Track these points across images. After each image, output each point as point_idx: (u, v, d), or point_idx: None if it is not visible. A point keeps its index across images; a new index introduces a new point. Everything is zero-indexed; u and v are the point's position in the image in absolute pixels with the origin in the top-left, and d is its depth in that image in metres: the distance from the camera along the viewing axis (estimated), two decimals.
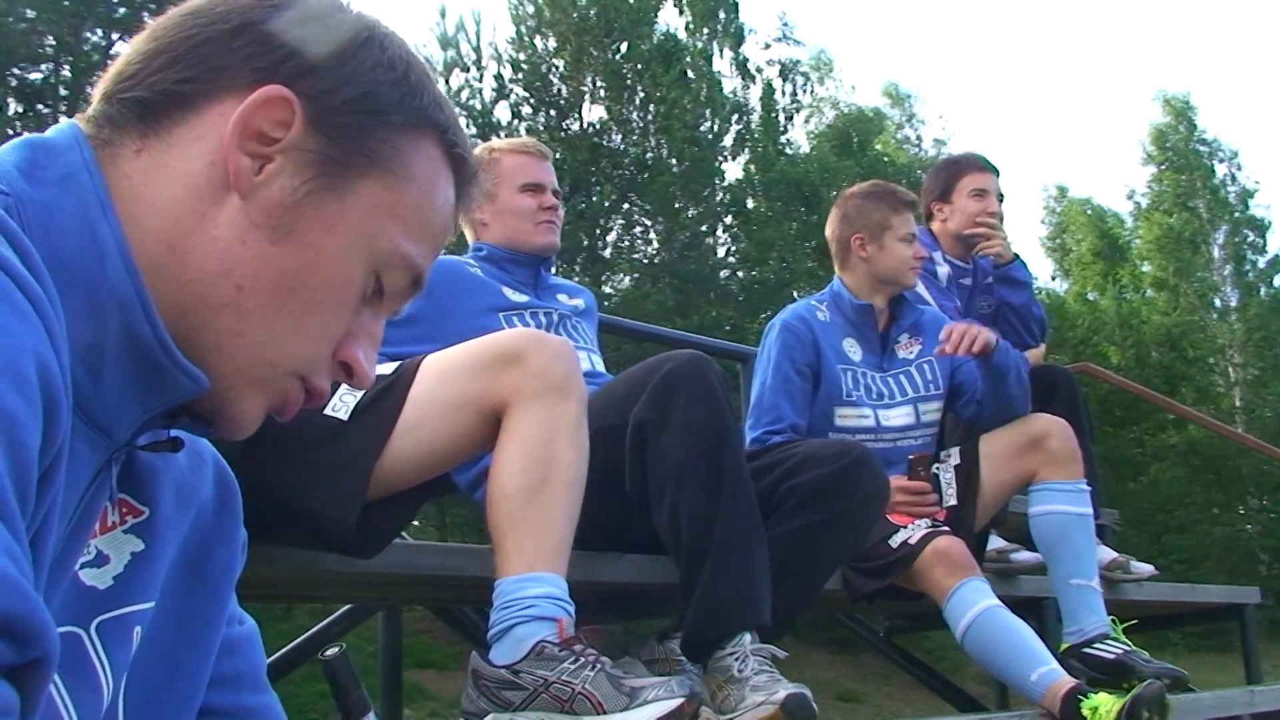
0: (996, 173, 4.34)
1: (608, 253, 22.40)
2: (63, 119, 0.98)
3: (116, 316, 0.85)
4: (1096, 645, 3.35)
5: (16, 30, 15.54)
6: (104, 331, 0.85)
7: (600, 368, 3.19)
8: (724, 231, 23.22)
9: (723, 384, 2.57)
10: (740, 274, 22.67)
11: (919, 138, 32.48)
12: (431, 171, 1.00)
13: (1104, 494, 4.45)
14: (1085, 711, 2.87)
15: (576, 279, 20.63)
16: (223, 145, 0.91)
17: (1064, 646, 3.36)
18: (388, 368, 2.32)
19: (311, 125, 0.93)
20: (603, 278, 21.77)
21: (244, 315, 0.92)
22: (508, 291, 3.14)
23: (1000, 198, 4.32)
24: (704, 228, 22.59)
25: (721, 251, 23.39)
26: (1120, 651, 3.32)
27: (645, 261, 22.46)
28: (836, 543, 2.83)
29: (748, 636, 2.43)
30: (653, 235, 22.72)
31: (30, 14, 15.56)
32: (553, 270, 3.41)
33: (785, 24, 29.56)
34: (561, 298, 3.32)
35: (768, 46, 25.34)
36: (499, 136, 22.10)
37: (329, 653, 1.64)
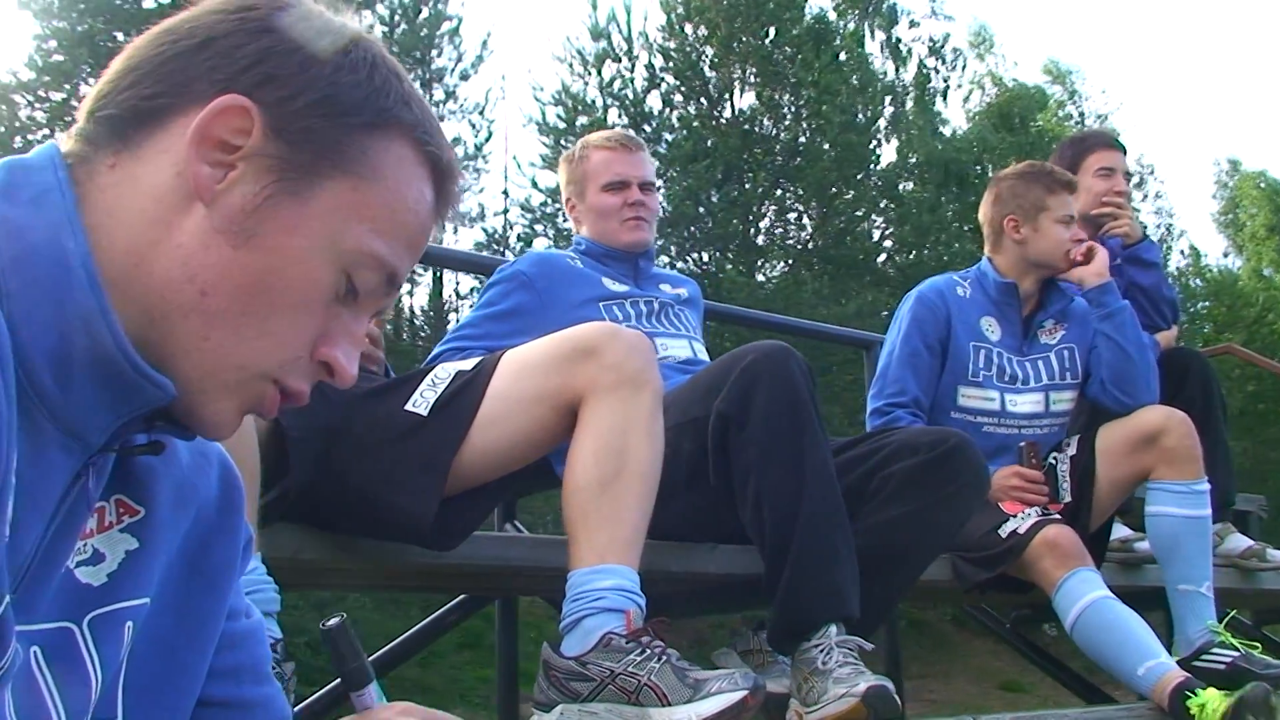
0: (1123, 150, 4.22)
1: (761, 240, 22.30)
2: None
3: (81, 329, 0.89)
4: (1206, 656, 3.23)
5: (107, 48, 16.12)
6: (71, 344, 0.89)
7: (703, 355, 3.20)
8: (879, 215, 22.88)
9: (806, 374, 2.55)
10: (897, 258, 22.35)
11: (1081, 114, 31.50)
12: (401, 170, 1.01)
13: (1253, 479, 4.26)
14: (1192, 709, 2.77)
15: (730, 267, 20.65)
16: (185, 156, 0.95)
17: (1175, 659, 3.22)
18: (469, 363, 2.38)
19: (272, 131, 0.96)
20: (756, 265, 21.70)
21: (210, 319, 0.94)
22: (607, 282, 3.18)
23: (1128, 176, 4.20)
24: (858, 212, 22.29)
25: (876, 235, 23.07)
26: (1231, 659, 3.19)
27: (799, 248, 22.28)
28: (931, 532, 2.78)
29: (833, 628, 2.42)
30: (806, 221, 22.53)
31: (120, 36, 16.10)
32: (655, 260, 3.43)
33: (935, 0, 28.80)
34: (664, 287, 3.34)
35: (915, 25, 24.82)
36: (650, 126, 22.28)
37: (330, 623, 1.67)
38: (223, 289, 0.94)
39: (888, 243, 22.93)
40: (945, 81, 25.01)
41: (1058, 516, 3.28)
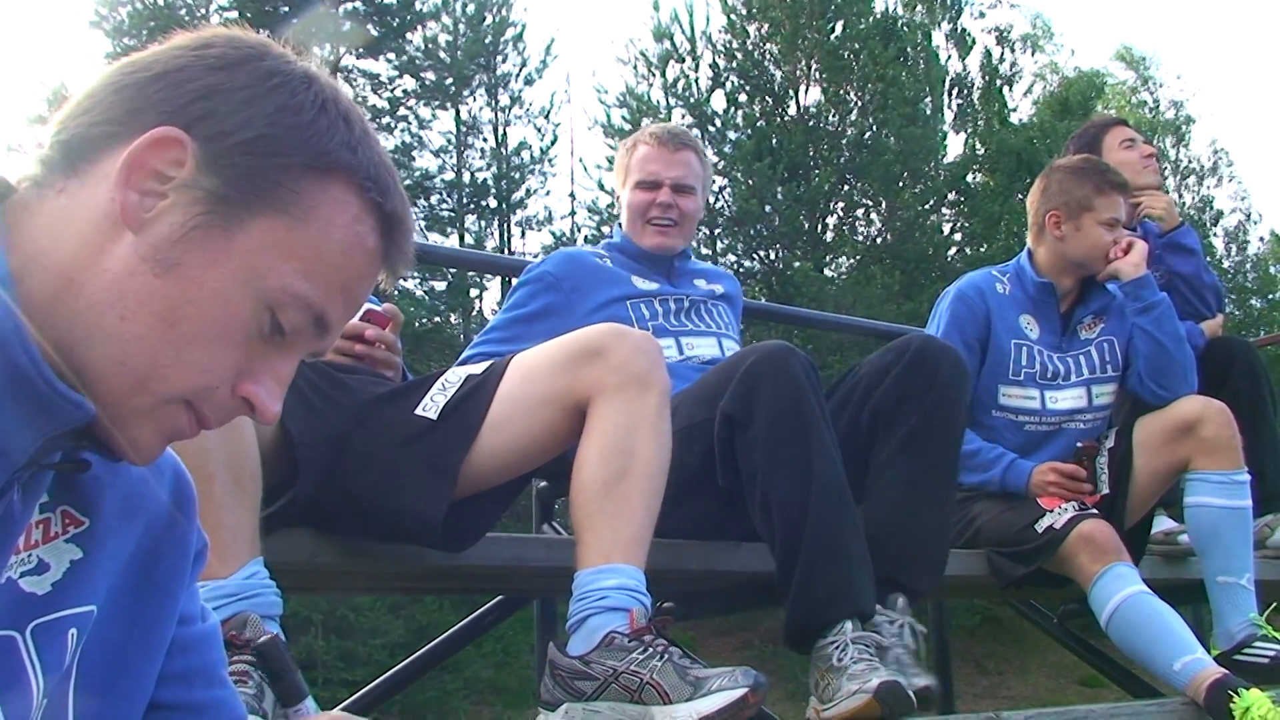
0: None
1: (829, 236, 22.20)
2: None
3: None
4: (1248, 650, 3.15)
5: None
6: None
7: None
8: (948, 209, 22.67)
9: (809, 372, 2.54)
10: (967, 250, 22.13)
11: (1155, 100, 30.96)
12: (337, 214, 1.02)
13: None
14: (1236, 711, 2.71)
15: (798, 263, 20.57)
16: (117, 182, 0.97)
17: (1215, 653, 3.16)
18: (479, 367, 2.40)
19: (205, 165, 0.98)
20: (825, 261, 21.59)
21: (126, 345, 0.96)
22: (636, 280, 3.18)
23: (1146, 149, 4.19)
24: (926, 205, 22.10)
25: (946, 229, 22.86)
26: (1274, 654, 3.11)
27: (866, 243, 22.15)
28: (937, 445, 2.75)
29: (849, 625, 2.41)
30: (874, 216, 22.40)
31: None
32: (691, 258, 3.41)
33: None
34: (699, 283, 3.32)
35: (982, 15, 24.55)
36: (714, 126, 22.26)
37: (260, 641, 1.66)
38: (141, 316, 0.96)
39: (957, 236, 22.72)
40: (1012, 68, 24.70)
41: (1094, 511, 3.23)
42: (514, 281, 3.39)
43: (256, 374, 1.02)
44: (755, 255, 21.46)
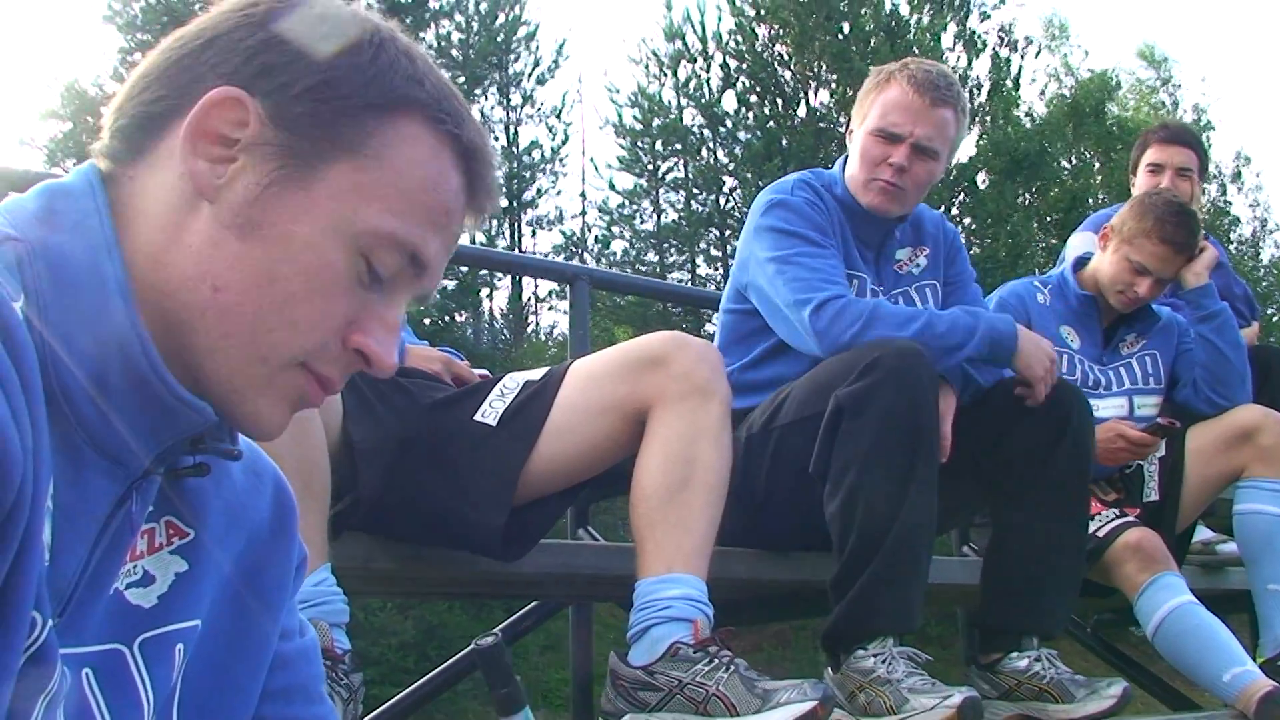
0: (1187, 144, 4.08)
1: None
2: None
3: (116, 354, 0.90)
4: None
5: None
6: (107, 368, 0.90)
7: None
8: (956, 209, 22.65)
9: (934, 382, 2.51)
10: (976, 250, 22.11)
11: (1175, 102, 30.82)
12: (413, 149, 0.99)
13: None
14: None
15: None
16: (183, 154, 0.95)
17: (1260, 660, 3.15)
18: (537, 373, 2.38)
19: (270, 120, 0.95)
20: None
21: (226, 315, 0.94)
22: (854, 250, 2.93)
23: (1201, 171, 4.08)
24: (935, 206, 22.09)
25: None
26: None
27: None
28: (1072, 500, 2.82)
29: (891, 640, 2.39)
30: None
31: None
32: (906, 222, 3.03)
33: None
34: (903, 255, 3.03)
35: (987, 17, 24.48)
36: (725, 127, 22.23)
37: (483, 642, 1.62)
38: (235, 283, 0.93)
39: (964, 236, 22.72)
40: (1018, 71, 24.61)
41: (1135, 520, 3.21)
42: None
43: (364, 324, 0.99)
44: None
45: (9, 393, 0.76)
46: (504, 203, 22.67)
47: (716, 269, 22.56)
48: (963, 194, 22.46)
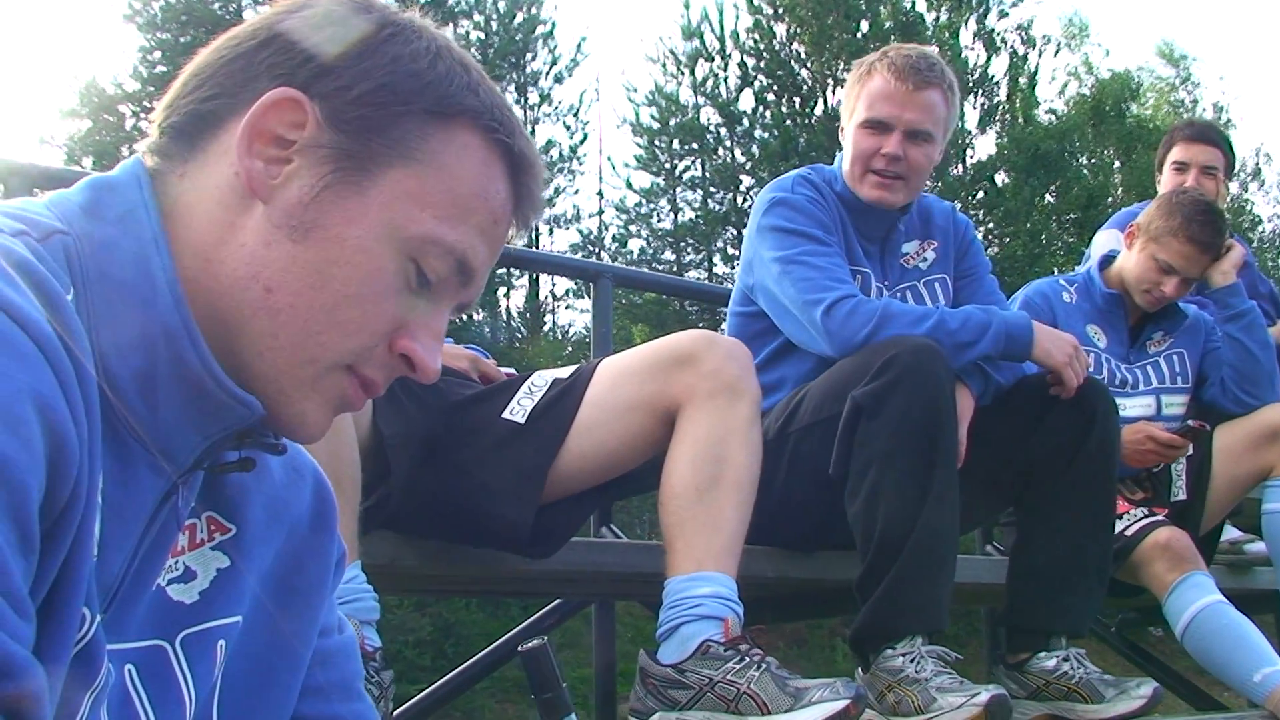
0: (1213, 142, 4.05)
1: None
2: None
3: (164, 347, 0.90)
4: None
5: None
6: (155, 361, 0.89)
7: None
8: (975, 208, 22.59)
9: (950, 378, 2.49)
10: (995, 249, 22.07)
11: (1194, 101, 30.67)
12: (466, 157, 0.99)
13: None
14: None
15: None
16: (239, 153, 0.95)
17: None
18: (565, 371, 2.38)
19: (327, 122, 0.95)
20: None
21: (277, 316, 0.94)
22: (858, 246, 2.90)
23: (1228, 170, 4.05)
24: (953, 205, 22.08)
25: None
26: None
27: None
28: (1100, 499, 2.79)
29: (920, 639, 2.38)
30: None
31: None
32: (911, 212, 2.99)
33: None
34: (910, 248, 3.00)
35: (1004, 15, 24.40)
36: (742, 126, 22.22)
37: (529, 645, 1.61)
38: (287, 284, 0.94)
39: (983, 234, 22.67)
40: (1035, 70, 24.52)
41: (1163, 519, 3.19)
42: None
43: (411, 329, 0.99)
44: None
45: (66, 389, 0.76)
46: None
47: (733, 267, 22.52)
48: (982, 192, 22.41)
